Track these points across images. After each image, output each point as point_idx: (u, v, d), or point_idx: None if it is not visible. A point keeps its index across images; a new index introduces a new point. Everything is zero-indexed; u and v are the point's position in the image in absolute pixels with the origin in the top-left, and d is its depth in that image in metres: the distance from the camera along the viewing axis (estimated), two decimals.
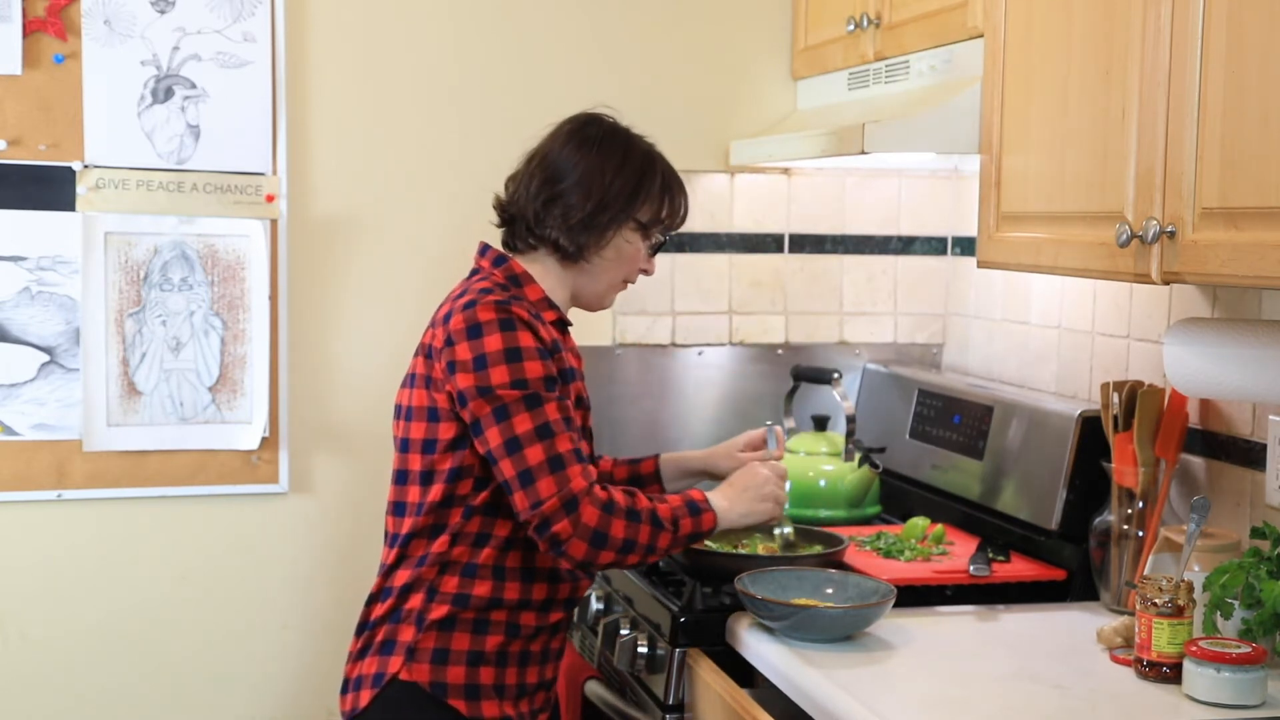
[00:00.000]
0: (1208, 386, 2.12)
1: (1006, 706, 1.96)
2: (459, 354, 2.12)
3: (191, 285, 2.99)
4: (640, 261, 2.32)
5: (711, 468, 2.50)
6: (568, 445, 2.11)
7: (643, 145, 2.32)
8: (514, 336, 2.12)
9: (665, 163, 2.33)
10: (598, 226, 2.24)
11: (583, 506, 2.09)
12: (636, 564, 2.21)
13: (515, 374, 2.10)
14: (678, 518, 2.18)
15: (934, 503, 2.94)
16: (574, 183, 2.24)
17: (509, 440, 2.09)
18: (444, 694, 2.17)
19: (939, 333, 3.39)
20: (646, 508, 2.16)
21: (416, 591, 2.19)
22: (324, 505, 3.11)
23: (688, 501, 2.22)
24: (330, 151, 3.06)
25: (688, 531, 2.20)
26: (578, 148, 2.26)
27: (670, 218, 2.32)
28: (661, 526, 2.16)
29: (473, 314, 2.13)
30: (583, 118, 2.32)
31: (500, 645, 2.19)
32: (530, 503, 2.09)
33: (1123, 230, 1.97)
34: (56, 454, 2.95)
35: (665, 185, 2.30)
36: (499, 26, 3.14)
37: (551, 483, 2.08)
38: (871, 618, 2.23)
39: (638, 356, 3.25)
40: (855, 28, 2.87)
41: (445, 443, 2.16)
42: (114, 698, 3.03)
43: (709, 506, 2.23)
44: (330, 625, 3.08)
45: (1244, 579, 2.02)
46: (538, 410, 2.10)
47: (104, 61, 2.90)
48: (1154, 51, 1.97)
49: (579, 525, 2.08)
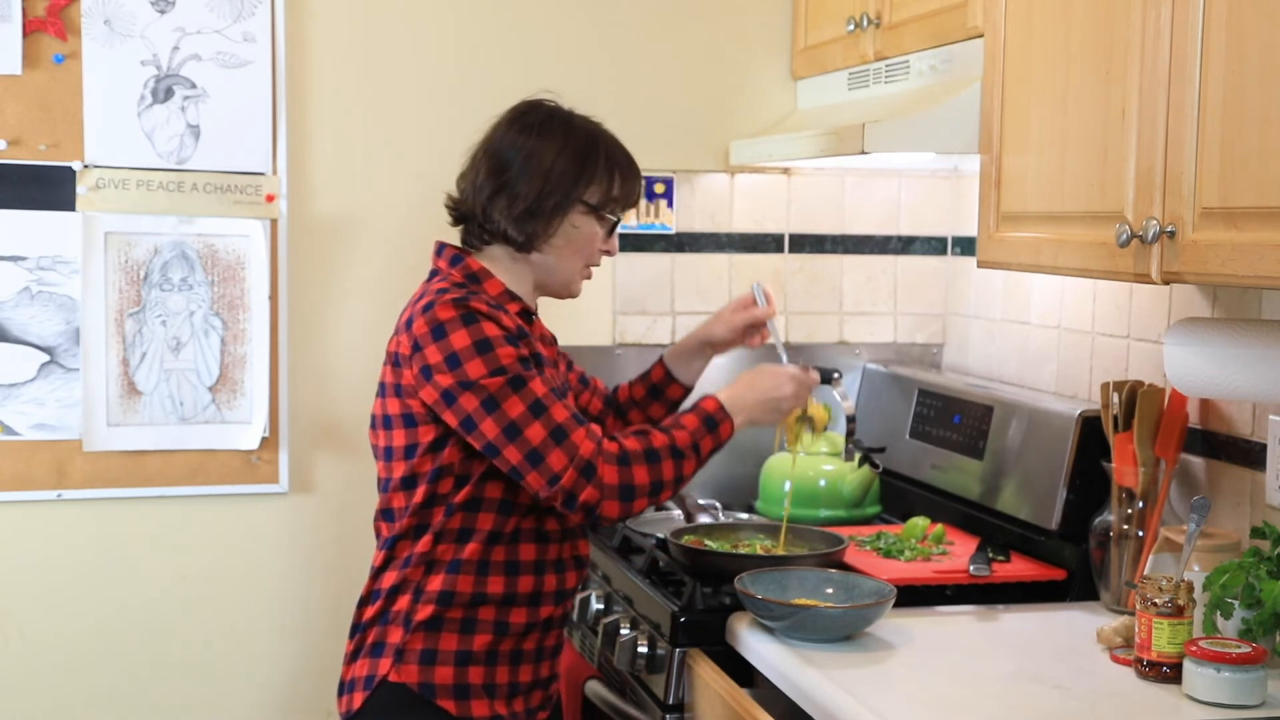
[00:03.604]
0: (1208, 386, 2.12)
1: (1006, 706, 1.96)
2: (430, 358, 2.10)
3: (191, 285, 2.99)
4: (598, 244, 2.26)
5: (708, 338, 2.49)
6: (564, 414, 2.09)
7: (584, 125, 2.26)
8: (479, 329, 2.09)
9: (610, 140, 2.27)
10: (543, 213, 2.19)
11: (601, 468, 2.08)
12: (670, 498, 2.21)
13: (491, 363, 2.08)
14: (696, 440, 2.16)
15: (934, 503, 2.94)
16: (516, 172, 2.19)
17: (506, 427, 2.07)
18: (432, 694, 2.15)
19: (939, 333, 3.39)
20: (664, 443, 2.14)
21: (403, 593, 2.18)
22: (324, 505, 3.11)
23: (704, 418, 2.19)
24: (330, 151, 3.06)
25: (710, 448, 2.19)
26: (517, 135, 2.22)
27: (623, 196, 2.27)
28: (683, 455, 2.15)
29: (433, 315, 2.11)
30: (522, 105, 2.28)
31: (489, 644, 2.18)
32: (546, 480, 2.07)
33: (1123, 230, 1.97)
34: (56, 454, 2.95)
35: (610, 163, 2.24)
36: (499, 26, 3.14)
37: (561, 454, 2.07)
38: (871, 618, 2.23)
39: (638, 356, 3.25)
40: (855, 28, 2.87)
41: (425, 446, 2.14)
42: (113, 697, 3.03)
43: (725, 415, 2.20)
44: (330, 625, 3.08)
45: (1244, 579, 2.02)
46: (525, 390, 2.08)
47: (104, 61, 2.91)
48: (1154, 51, 1.97)
49: (604, 487, 2.07)
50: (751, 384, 2.28)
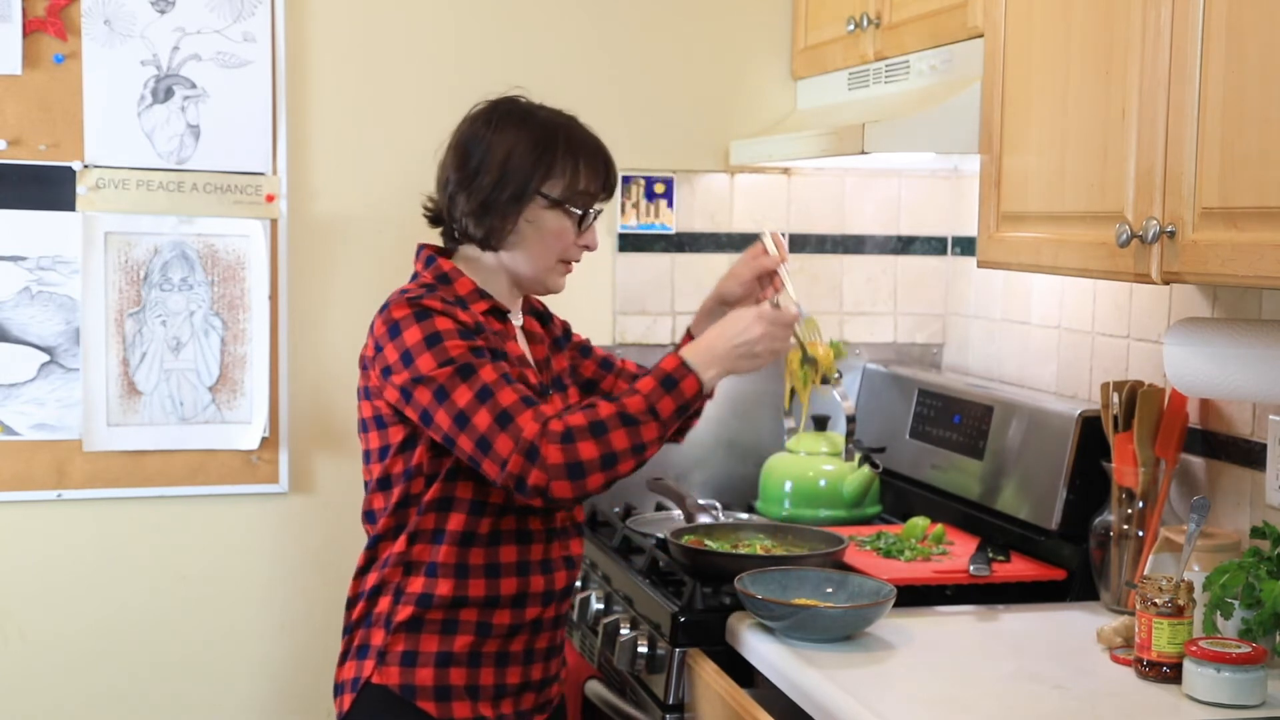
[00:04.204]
0: (1208, 386, 2.12)
1: (1006, 706, 1.96)
2: (388, 357, 2.08)
3: (191, 285, 2.99)
4: (569, 238, 2.18)
5: (723, 297, 2.36)
6: (512, 397, 2.02)
7: (546, 116, 2.19)
8: (430, 324, 2.06)
9: (574, 130, 2.18)
10: (497, 208, 2.14)
11: (544, 449, 1.99)
12: (635, 466, 2.05)
13: (440, 355, 2.04)
14: (652, 403, 2.05)
15: (934, 503, 2.94)
16: (474, 167, 2.15)
17: (456, 416, 2.03)
18: (413, 696, 2.13)
19: (939, 333, 3.39)
20: (611, 413, 2.03)
21: (384, 594, 2.16)
22: (324, 505, 3.11)
23: (660, 379, 2.07)
24: (330, 151, 3.06)
25: (672, 408, 2.06)
26: (481, 129, 2.17)
27: (590, 188, 2.18)
28: (636, 421, 2.03)
29: (388, 314, 2.10)
30: (487, 103, 2.22)
31: (471, 645, 2.15)
32: (497, 466, 2.01)
33: (1123, 230, 1.97)
34: (56, 454, 2.95)
35: (571, 153, 2.15)
36: (499, 26, 3.14)
37: (506, 439, 2.00)
38: (871, 618, 2.23)
39: (638, 356, 3.23)
40: (855, 28, 2.87)
41: (395, 447, 2.13)
42: (113, 697, 3.03)
43: (687, 370, 2.07)
44: (329, 625, 3.07)
45: (1244, 579, 2.02)
46: (473, 378, 2.03)
47: (104, 61, 2.90)
48: (1154, 51, 1.97)
49: (548, 467, 1.99)
50: (720, 333, 2.13)
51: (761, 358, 2.14)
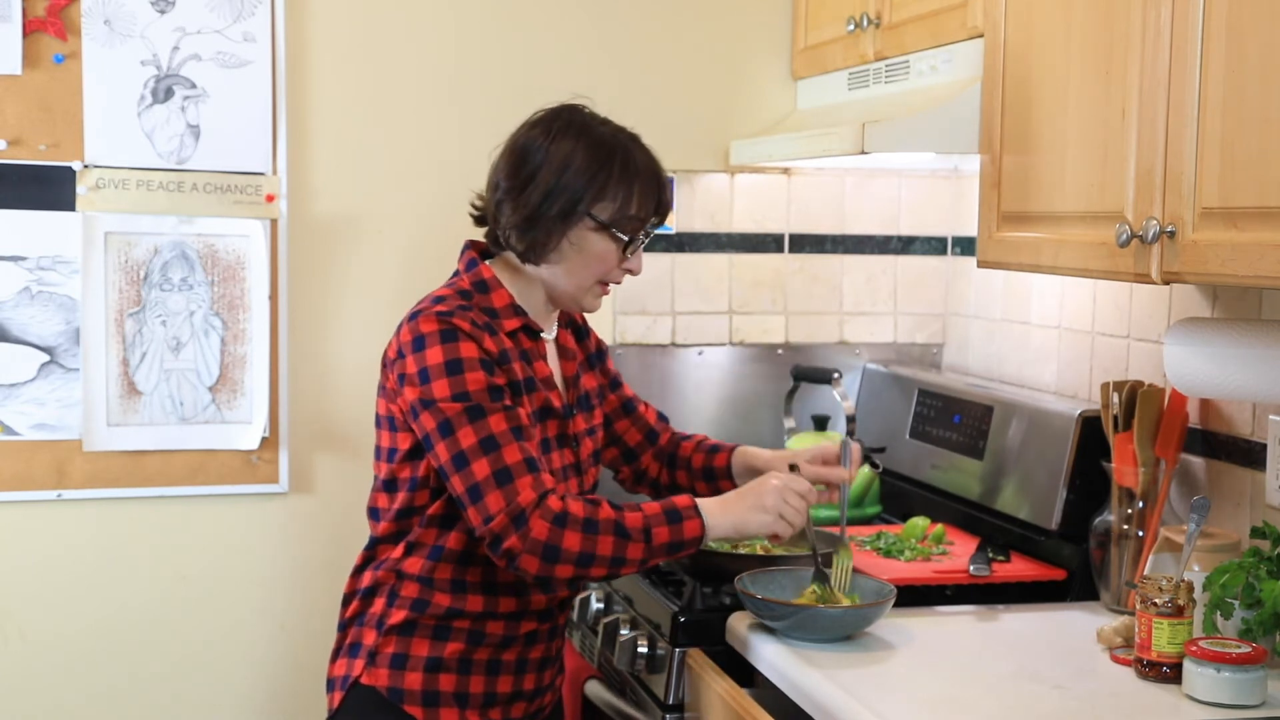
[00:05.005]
0: (1208, 386, 2.12)
1: (1006, 706, 1.96)
2: (407, 367, 2.06)
3: (191, 285, 2.99)
4: (613, 261, 2.13)
5: (769, 468, 2.31)
6: (516, 456, 2.00)
7: (603, 134, 2.11)
8: (455, 348, 2.03)
9: (629, 153, 2.11)
10: (543, 224, 2.08)
11: (531, 520, 1.97)
12: (607, 576, 2.06)
13: (456, 387, 2.02)
14: (650, 526, 2.03)
15: (934, 503, 2.94)
16: (526, 177, 2.09)
17: (455, 456, 2.00)
18: (400, 700, 2.12)
19: (939, 332, 3.39)
20: (609, 518, 2.01)
21: (379, 595, 2.16)
22: (324, 505, 3.11)
23: (667, 509, 2.06)
24: (330, 151, 3.06)
25: (665, 541, 2.04)
26: (534, 140, 2.11)
27: (642, 214, 2.12)
28: (628, 537, 2.02)
29: (416, 325, 2.06)
30: (552, 109, 2.16)
31: (462, 653, 2.13)
32: (481, 519, 1.99)
33: (1123, 230, 1.97)
34: (56, 454, 2.95)
35: (625, 178, 2.09)
36: (499, 26, 3.14)
37: (499, 497, 1.98)
38: (871, 618, 2.23)
39: (638, 356, 3.25)
40: (855, 28, 2.87)
41: (403, 453, 2.12)
42: (113, 697, 3.03)
43: (694, 514, 2.07)
44: (329, 625, 3.04)
45: (1244, 579, 2.02)
46: (481, 423, 2.00)
47: (104, 61, 2.90)
48: (1154, 51, 1.97)
49: (528, 540, 1.97)
50: (741, 493, 2.15)
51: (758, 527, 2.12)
